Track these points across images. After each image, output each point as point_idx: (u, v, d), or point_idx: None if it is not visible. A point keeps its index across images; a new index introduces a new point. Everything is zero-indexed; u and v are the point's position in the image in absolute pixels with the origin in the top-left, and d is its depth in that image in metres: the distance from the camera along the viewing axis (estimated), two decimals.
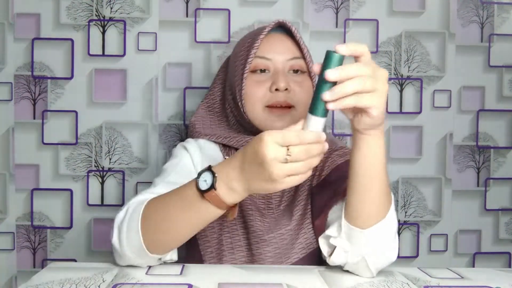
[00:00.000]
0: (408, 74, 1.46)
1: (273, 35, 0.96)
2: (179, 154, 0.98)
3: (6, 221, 1.41)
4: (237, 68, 0.97)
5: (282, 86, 0.91)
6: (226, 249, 0.93)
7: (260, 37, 0.94)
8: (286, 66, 0.95)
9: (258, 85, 0.94)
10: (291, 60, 0.95)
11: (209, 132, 1.02)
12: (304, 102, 0.93)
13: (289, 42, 0.96)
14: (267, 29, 0.95)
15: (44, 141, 1.41)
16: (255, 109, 0.94)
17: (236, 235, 0.94)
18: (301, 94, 0.94)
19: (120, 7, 1.41)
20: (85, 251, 1.43)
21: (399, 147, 1.46)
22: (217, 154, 0.99)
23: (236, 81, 0.97)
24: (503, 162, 1.49)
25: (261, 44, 0.94)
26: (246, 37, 1.01)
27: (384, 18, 1.44)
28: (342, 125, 1.45)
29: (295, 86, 0.94)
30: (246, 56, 0.95)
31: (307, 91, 0.94)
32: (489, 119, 1.48)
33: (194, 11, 1.41)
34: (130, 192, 1.42)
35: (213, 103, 1.06)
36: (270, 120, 0.93)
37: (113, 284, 0.73)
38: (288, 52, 0.95)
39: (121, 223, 0.78)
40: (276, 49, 0.95)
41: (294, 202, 0.95)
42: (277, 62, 0.94)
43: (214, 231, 0.94)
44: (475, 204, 1.49)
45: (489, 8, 1.46)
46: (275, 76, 0.93)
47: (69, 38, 1.40)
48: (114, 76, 1.41)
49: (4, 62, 1.40)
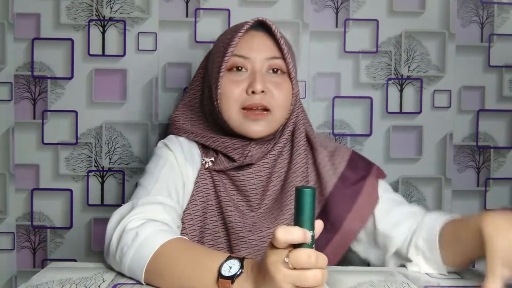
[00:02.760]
0: (408, 74, 1.46)
1: (252, 33, 0.92)
2: (163, 154, 0.94)
3: (6, 221, 1.41)
4: (214, 65, 0.94)
5: (258, 88, 0.88)
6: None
7: (238, 35, 0.90)
8: (265, 66, 0.91)
9: (235, 85, 0.91)
10: (270, 59, 0.91)
11: (188, 130, 0.99)
12: (281, 105, 0.91)
13: (269, 41, 0.92)
14: (245, 26, 0.91)
15: (44, 141, 1.41)
16: (230, 109, 0.91)
17: (218, 237, 0.92)
18: (278, 97, 0.91)
19: (120, 7, 1.41)
20: (85, 251, 1.43)
21: (399, 147, 1.46)
22: (197, 153, 0.97)
23: (213, 79, 0.93)
24: (503, 162, 1.49)
25: (240, 42, 0.91)
26: (225, 33, 0.97)
27: (384, 18, 1.44)
28: (342, 125, 1.45)
29: (272, 88, 0.91)
30: (223, 54, 0.91)
31: (285, 94, 0.92)
32: (489, 119, 1.48)
33: (194, 11, 1.41)
34: (130, 192, 1.42)
35: (193, 99, 1.03)
36: (245, 125, 0.90)
37: (113, 284, 0.73)
38: (267, 51, 0.92)
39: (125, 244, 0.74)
40: (255, 47, 0.91)
41: (280, 208, 0.92)
42: (255, 61, 0.91)
43: (196, 233, 0.91)
44: (475, 204, 1.49)
45: (489, 8, 1.46)
46: (252, 77, 0.90)
47: (69, 38, 1.40)
48: (114, 76, 1.41)
49: (4, 62, 1.40)
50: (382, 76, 1.45)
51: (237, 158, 0.92)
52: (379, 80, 1.45)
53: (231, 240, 0.91)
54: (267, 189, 0.94)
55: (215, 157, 0.95)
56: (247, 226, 0.91)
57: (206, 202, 0.92)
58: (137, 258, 0.73)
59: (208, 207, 0.92)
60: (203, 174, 0.94)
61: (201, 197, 0.92)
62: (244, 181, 0.93)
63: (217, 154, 0.95)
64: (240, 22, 0.96)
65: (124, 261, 0.74)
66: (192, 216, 0.91)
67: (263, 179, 0.94)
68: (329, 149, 1.00)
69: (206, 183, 0.93)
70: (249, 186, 0.93)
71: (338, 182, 0.95)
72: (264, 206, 0.94)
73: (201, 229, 0.91)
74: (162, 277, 0.71)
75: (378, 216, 0.92)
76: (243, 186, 0.93)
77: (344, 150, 1.00)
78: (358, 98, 1.45)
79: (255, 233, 0.90)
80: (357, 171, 0.96)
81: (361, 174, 0.96)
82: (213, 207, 0.92)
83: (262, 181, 0.94)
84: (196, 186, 0.93)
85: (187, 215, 0.91)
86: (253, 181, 0.93)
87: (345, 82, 1.44)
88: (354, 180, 0.95)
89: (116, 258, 0.76)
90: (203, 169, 0.94)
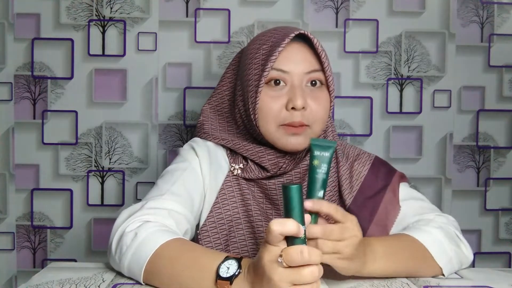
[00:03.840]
0: (408, 74, 1.46)
1: (291, 45, 0.88)
2: (188, 157, 0.93)
3: (6, 221, 1.41)
4: (251, 78, 0.90)
5: (299, 104, 0.85)
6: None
7: (279, 49, 0.86)
8: (304, 80, 0.88)
9: (274, 100, 0.87)
10: (310, 73, 0.88)
11: (218, 136, 0.96)
12: (320, 119, 0.89)
13: (308, 54, 0.89)
14: (286, 40, 0.86)
15: (44, 141, 1.41)
16: (268, 125, 0.88)
17: (245, 245, 0.90)
18: (318, 112, 0.88)
19: (120, 7, 1.41)
20: (85, 251, 1.43)
21: (399, 147, 1.46)
22: (224, 159, 0.95)
23: (250, 91, 0.90)
24: (503, 162, 1.49)
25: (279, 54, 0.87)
26: (262, 40, 0.91)
27: (384, 18, 1.44)
28: (342, 125, 1.45)
29: (312, 103, 0.87)
30: (263, 68, 0.87)
31: (324, 107, 0.89)
32: (489, 119, 1.48)
33: (194, 11, 1.41)
34: (130, 192, 1.42)
35: (221, 103, 1.00)
36: (284, 139, 0.88)
37: (113, 284, 0.73)
38: (306, 64, 0.88)
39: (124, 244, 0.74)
40: (294, 60, 0.87)
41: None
42: (294, 75, 0.87)
43: (220, 241, 0.90)
44: (475, 204, 1.49)
45: (489, 8, 1.46)
46: (292, 92, 0.86)
47: (69, 38, 1.40)
48: (114, 76, 1.41)
49: (4, 62, 1.40)
50: (382, 76, 1.45)
51: (271, 169, 0.91)
52: (379, 80, 1.45)
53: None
54: None
55: (244, 164, 0.93)
56: None
57: (232, 210, 0.90)
58: (136, 258, 0.73)
59: (234, 215, 0.90)
60: (229, 181, 0.92)
61: (227, 204, 0.90)
62: (275, 190, 0.92)
63: (246, 161, 0.93)
64: (279, 30, 0.91)
65: (124, 261, 0.74)
66: (216, 224, 0.89)
67: None
68: (350, 159, 0.98)
69: (233, 190, 0.91)
70: (279, 195, 0.92)
71: (358, 194, 0.94)
72: None
73: (226, 237, 0.90)
74: (161, 277, 0.71)
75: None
76: (274, 195, 0.92)
77: (365, 158, 0.99)
78: (358, 98, 1.45)
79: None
80: (379, 179, 0.95)
81: (382, 183, 0.95)
82: (239, 215, 0.90)
83: None
84: (222, 193, 0.91)
85: (211, 223, 0.89)
86: None
87: (345, 82, 1.44)
88: (375, 191, 0.94)
89: (116, 258, 0.76)
90: (231, 175, 0.92)
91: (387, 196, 0.93)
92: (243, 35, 1.42)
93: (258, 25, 1.42)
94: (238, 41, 1.42)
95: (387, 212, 0.92)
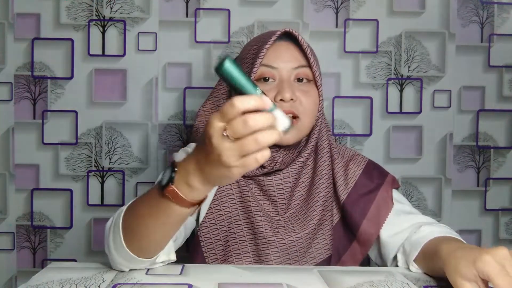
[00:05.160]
0: (408, 74, 1.46)
1: (279, 43, 0.94)
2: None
3: (6, 221, 1.41)
4: None
5: (287, 96, 0.89)
6: (233, 255, 0.92)
7: (266, 46, 0.91)
8: (292, 75, 0.93)
9: None
10: (297, 68, 0.93)
11: None
12: (309, 112, 0.92)
13: (295, 51, 0.94)
14: (273, 38, 0.92)
15: (44, 141, 1.41)
16: None
17: (244, 241, 0.93)
18: (307, 104, 0.92)
19: (120, 7, 1.41)
20: (85, 251, 1.43)
21: (399, 147, 1.46)
22: None
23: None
24: (503, 162, 1.49)
25: (267, 52, 0.92)
26: (252, 42, 0.98)
27: (384, 18, 1.44)
28: (342, 125, 1.45)
29: (300, 95, 0.92)
30: (252, 64, 0.92)
31: (313, 100, 0.93)
32: (489, 119, 1.48)
33: (194, 11, 1.41)
34: (130, 192, 1.42)
35: (217, 106, 1.03)
36: None
37: (113, 284, 0.73)
38: (294, 60, 0.93)
39: (108, 236, 0.76)
40: (282, 57, 0.93)
41: (306, 213, 0.95)
42: (282, 70, 0.92)
43: (219, 237, 0.93)
44: (475, 204, 1.49)
45: (489, 8, 1.46)
46: (280, 86, 0.91)
47: (69, 38, 1.40)
48: (114, 76, 1.41)
49: (4, 62, 1.40)
50: (382, 76, 1.45)
51: (267, 165, 0.94)
52: (379, 80, 1.45)
53: (260, 244, 0.92)
54: (293, 194, 0.96)
55: None
56: (277, 230, 0.92)
57: (231, 206, 0.93)
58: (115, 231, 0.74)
59: (233, 211, 0.93)
60: None
61: (225, 201, 0.93)
62: (272, 187, 0.95)
63: None
64: (266, 32, 0.97)
65: (109, 242, 0.75)
66: (216, 221, 0.93)
67: (290, 184, 0.96)
68: (345, 158, 1.02)
69: (231, 188, 0.94)
70: (277, 191, 0.95)
71: (352, 191, 0.97)
72: (290, 211, 0.95)
73: (225, 233, 0.93)
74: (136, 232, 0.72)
75: (384, 226, 0.94)
76: (271, 191, 0.95)
77: (360, 159, 1.02)
78: (358, 98, 1.45)
79: (285, 237, 0.92)
80: (372, 179, 0.99)
81: (376, 182, 0.98)
82: (238, 211, 0.93)
83: (289, 187, 0.96)
84: (220, 191, 0.94)
85: (210, 220, 0.92)
86: (281, 186, 0.95)
87: (345, 82, 1.44)
88: (369, 189, 0.97)
89: (105, 249, 0.77)
90: None
91: (380, 194, 0.97)
92: (243, 35, 1.42)
93: (258, 25, 1.42)
94: (238, 41, 1.42)
95: (379, 209, 0.95)
